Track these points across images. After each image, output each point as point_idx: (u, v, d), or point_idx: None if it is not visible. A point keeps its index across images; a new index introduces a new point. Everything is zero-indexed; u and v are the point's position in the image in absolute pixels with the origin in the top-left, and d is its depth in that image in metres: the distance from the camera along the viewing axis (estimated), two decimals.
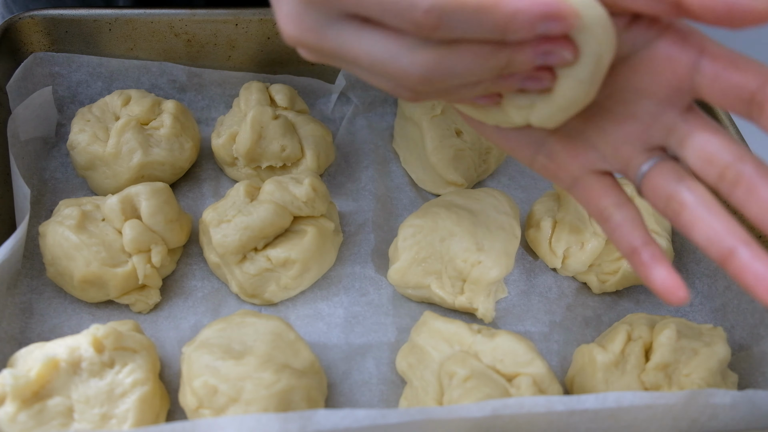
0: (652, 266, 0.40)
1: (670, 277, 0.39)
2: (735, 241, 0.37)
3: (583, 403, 0.46)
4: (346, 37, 0.38)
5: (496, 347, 0.54)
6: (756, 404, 0.49)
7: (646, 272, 0.40)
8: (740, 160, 0.38)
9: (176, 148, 0.70)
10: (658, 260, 0.40)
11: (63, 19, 0.74)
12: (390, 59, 0.38)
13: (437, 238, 0.62)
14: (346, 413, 0.44)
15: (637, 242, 0.41)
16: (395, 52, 0.37)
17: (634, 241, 0.42)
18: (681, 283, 0.39)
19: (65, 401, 0.50)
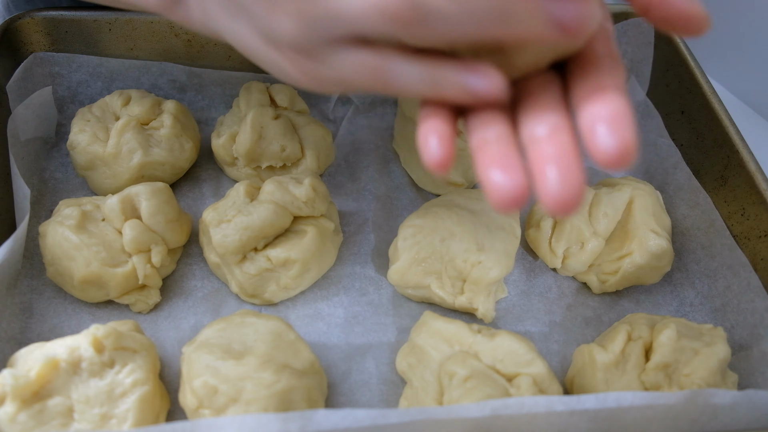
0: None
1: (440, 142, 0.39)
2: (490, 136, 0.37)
3: (583, 403, 0.46)
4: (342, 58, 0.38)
5: (496, 347, 0.54)
6: (756, 404, 0.49)
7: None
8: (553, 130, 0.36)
9: (176, 148, 0.70)
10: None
11: (63, 19, 0.74)
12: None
13: (437, 238, 0.62)
14: (346, 413, 0.44)
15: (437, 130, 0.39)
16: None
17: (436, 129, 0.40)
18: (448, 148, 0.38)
19: (65, 401, 0.50)
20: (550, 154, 0.34)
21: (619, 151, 0.32)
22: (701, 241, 0.68)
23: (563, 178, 0.33)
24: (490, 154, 0.36)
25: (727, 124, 0.68)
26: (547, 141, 0.35)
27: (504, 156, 0.35)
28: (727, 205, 0.67)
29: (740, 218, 0.65)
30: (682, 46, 0.76)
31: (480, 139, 0.38)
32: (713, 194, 0.68)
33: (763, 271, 0.62)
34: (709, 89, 0.72)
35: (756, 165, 0.65)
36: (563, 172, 0.33)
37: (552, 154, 0.34)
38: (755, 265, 0.63)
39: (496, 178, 0.35)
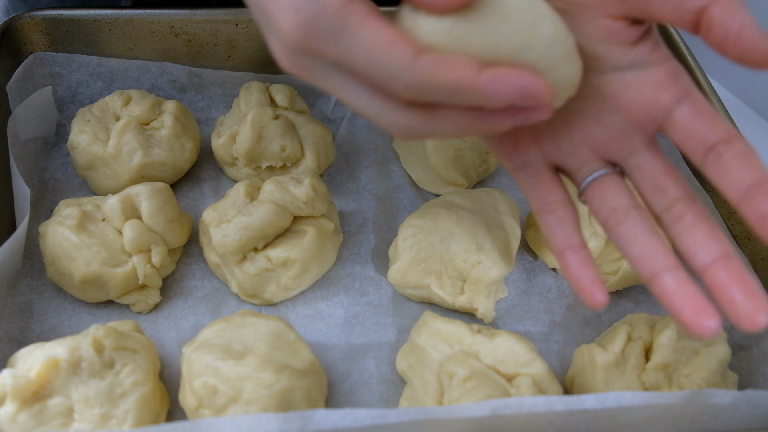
0: (582, 270, 0.43)
1: (597, 284, 0.42)
2: (663, 266, 0.41)
3: (583, 403, 0.46)
4: (335, 83, 0.40)
5: (496, 347, 0.54)
6: (756, 404, 0.49)
7: (573, 273, 0.43)
8: (686, 200, 0.42)
9: (177, 148, 0.70)
10: (588, 264, 0.43)
11: (63, 19, 0.74)
12: (375, 114, 0.40)
13: (437, 238, 0.62)
14: (346, 413, 0.44)
15: (575, 242, 0.45)
16: (380, 108, 0.39)
17: (573, 239, 0.45)
18: (603, 287, 0.42)
19: (65, 401, 0.50)
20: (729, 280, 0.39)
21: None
22: None
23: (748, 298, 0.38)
24: (683, 298, 0.39)
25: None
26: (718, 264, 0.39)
27: (697, 297, 0.39)
28: (727, 205, 0.67)
29: (740, 218, 0.65)
30: (682, 46, 0.76)
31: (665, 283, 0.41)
32: (713, 194, 0.68)
33: (763, 271, 0.62)
34: (709, 89, 0.72)
35: None
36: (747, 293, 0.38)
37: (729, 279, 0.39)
38: (755, 265, 0.63)
39: (705, 323, 0.38)
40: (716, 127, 0.40)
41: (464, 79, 0.36)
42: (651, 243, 0.42)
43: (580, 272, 0.43)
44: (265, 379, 0.51)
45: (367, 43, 0.36)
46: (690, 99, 0.42)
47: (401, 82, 0.36)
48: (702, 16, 0.39)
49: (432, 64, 0.36)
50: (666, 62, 0.43)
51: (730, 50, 0.38)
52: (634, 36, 0.42)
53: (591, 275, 0.43)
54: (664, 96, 0.42)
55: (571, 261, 0.44)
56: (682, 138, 0.42)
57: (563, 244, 0.45)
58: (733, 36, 0.38)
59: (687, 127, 0.41)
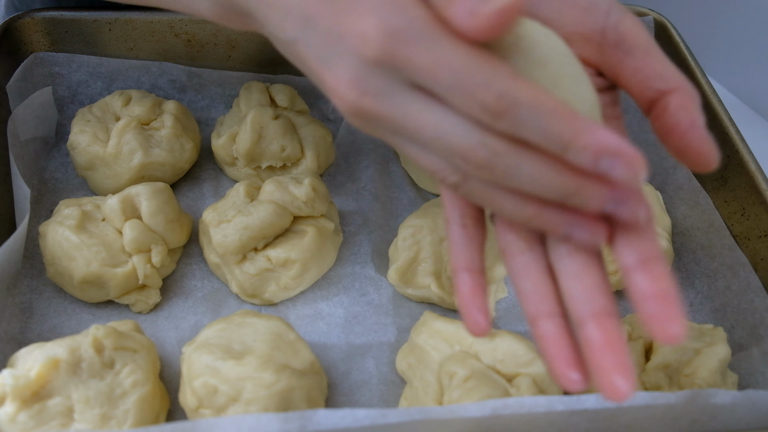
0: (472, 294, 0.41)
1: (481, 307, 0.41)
2: (547, 311, 0.39)
3: (583, 403, 0.46)
4: (411, 106, 0.36)
5: (496, 347, 0.54)
6: (756, 404, 0.49)
7: (463, 297, 0.41)
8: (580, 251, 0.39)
9: (177, 148, 0.70)
10: (479, 290, 0.41)
11: (63, 19, 0.74)
12: (458, 135, 0.35)
13: (437, 238, 0.62)
14: (346, 413, 0.44)
15: (473, 266, 0.42)
16: (465, 129, 0.35)
17: (471, 263, 0.42)
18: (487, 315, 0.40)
19: (65, 401, 0.50)
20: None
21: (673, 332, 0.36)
22: (701, 241, 0.68)
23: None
24: (558, 348, 0.38)
25: (727, 124, 0.68)
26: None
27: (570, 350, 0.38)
28: (727, 205, 0.67)
29: (740, 218, 0.65)
30: (682, 46, 0.76)
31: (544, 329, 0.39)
32: (713, 194, 0.68)
33: (763, 271, 0.62)
34: (709, 89, 0.72)
35: (756, 165, 0.65)
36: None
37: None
38: (755, 265, 0.63)
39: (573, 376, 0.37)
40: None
41: (564, 109, 0.33)
42: (542, 283, 0.40)
43: (471, 297, 0.41)
44: (265, 379, 0.51)
45: (462, 49, 0.33)
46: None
47: (496, 89, 0.33)
48: (660, 99, 0.40)
49: (532, 84, 0.33)
50: (614, 120, 0.44)
51: (672, 142, 0.39)
52: (599, 86, 0.43)
53: (479, 302, 0.41)
54: None
55: (464, 284, 0.41)
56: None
57: (462, 264, 0.42)
58: (681, 130, 0.39)
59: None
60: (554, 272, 0.40)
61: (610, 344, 0.36)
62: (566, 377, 0.37)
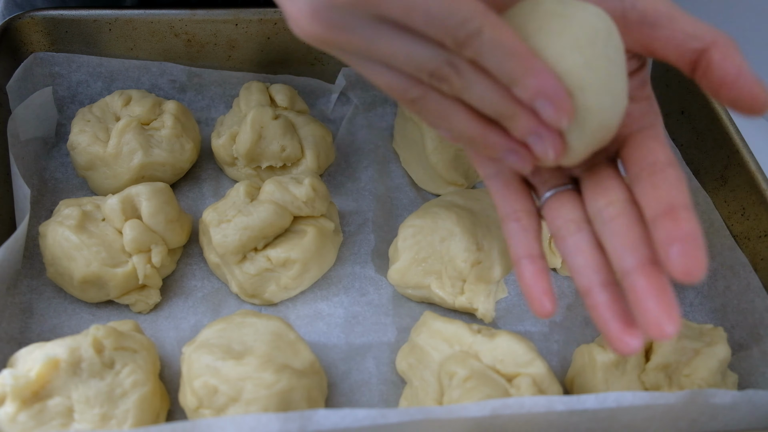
0: (533, 278, 0.44)
1: (546, 290, 0.44)
2: (599, 280, 0.41)
3: (583, 403, 0.46)
4: (381, 38, 0.38)
5: (496, 347, 0.54)
6: (756, 404, 0.49)
7: (526, 281, 0.44)
8: (622, 202, 0.42)
9: (177, 148, 0.70)
10: (542, 275, 0.44)
11: (63, 19, 0.74)
12: (426, 55, 0.38)
13: (437, 238, 0.62)
14: (346, 413, 0.44)
15: (528, 252, 0.45)
16: (433, 51, 0.38)
17: (526, 250, 0.45)
18: (552, 297, 0.43)
19: (65, 401, 0.50)
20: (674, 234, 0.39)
21: (695, 271, 0.37)
22: None
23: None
24: (611, 315, 0.40)
25: (727, 124, 0.68)
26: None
27: (624, 316, 0.40)
28: (727, 205, 0.67)
29: (740, 218, 0.65)
30: None
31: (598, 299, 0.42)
32: (713, 194, 0.68)
33: (763, 271, 0.62)
34: None
35: (756, 165, 0.65)
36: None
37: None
38: (755, 265, 0.63)
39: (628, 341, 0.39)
40: (655, 152, 0.43)
41: (522, 48, 0.37)
42: (593, 256, 0.42)
43: (534, 281, 0.44)
44: (265, 379, 0.51)
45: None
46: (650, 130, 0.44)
47: (466, 30, 0.36)
48: (701, 57, 0.40)
49: (501, 22, 0.37)
50: (645, 101, 0.45)
51: (725, 94, 0.40)
52: (629, 69, 0.43)
53: (543, 285, 0.44)
54: (630, 128, 0.44)
55: (526, 270, 0.44)
56: (624, 157, 0.44)
57: (521, 253, 0.45)
58: (730, 80, 0.39)
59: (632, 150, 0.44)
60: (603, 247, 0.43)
61: (655, 289, 0.38)
62: (622, 342, 0.39)
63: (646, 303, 0.38)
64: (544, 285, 0.44)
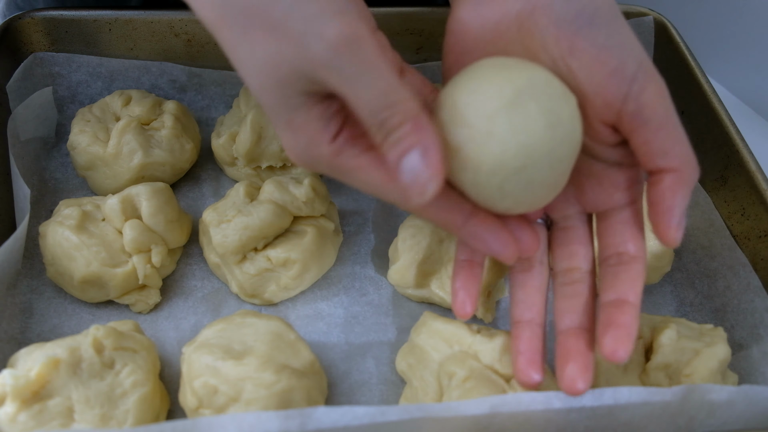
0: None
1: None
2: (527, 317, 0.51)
3: (580, 400, 0.46)
4: (344, 175, 0.44)
5: (496, 347, 0.54)
6: (753, 401, 0.49)
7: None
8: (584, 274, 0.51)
9: (177, 148, 0.70)
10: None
11: (63, 19, 0.74)
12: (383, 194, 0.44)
13: (437, 239, 0.62)
14: (346, 410, 0.44)
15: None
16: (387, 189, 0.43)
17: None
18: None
19: (65, 401, 0.50)
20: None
21: (620, 353, 0.44)
22: (701, 241, 0.68)
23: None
24: (525, 349, 0.50)
25: (727, 124, 0.68)
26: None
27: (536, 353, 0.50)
28: (727, 205, 0.67)
29: (740, 218, 0.65)
30: (682, 46, 0.76)
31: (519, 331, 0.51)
32: (713, 194, 0.68)
33: (763, 271, 0.62)
34: (709, 89, 0.72)
35: (756, 165, 0.65)
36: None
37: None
38: (755, 265, 0.63)
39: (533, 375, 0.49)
40: (627, 243, 0.48)
41: (454, 225, 0.45)
42: (533, 296, 0.50)
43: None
44: (265, 379, 0.51)
45: (364, 181, 0.43)
46: (630, 208, 0.49)
47: (400, 205, 0.44)
48: (658, 173, 0.45)
49: (425, 208, 0.45)
50: (631, 168, 0.48)
51: (651, 214, 0.46)
52: (617, 140, 0.47)
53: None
54: (616, 196, 0.49)
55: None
56: (599, 233, 0.50)
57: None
58: (660, 209, 0.45)
59: (609, 231, 0.49)
60: (550, 290, 0.51)
61: (577, 352, 0.47)
62: (527, 375, 0.48)
63: (567, 362, 0.46)
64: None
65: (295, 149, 0.44)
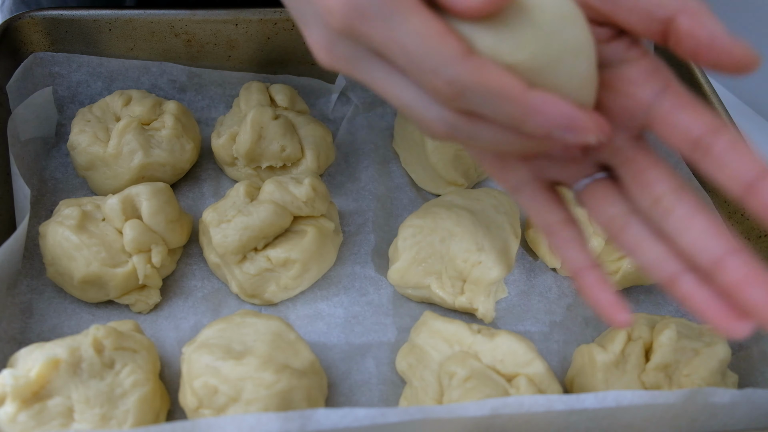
0: (596, 289, 0.42)
1: (614, 300, 0.41)
2: (674, 270, 0.39)
3: (582, 402, 0.46)
4: (377, 74, 0.39)
5: (496, 347, 0.54)
6: (755, 403, 0.49)
7: (591, 294, 0.42)
8: (673, 192, 0.40)
9: (177, 149, 0.70)
10: (602, 283, 0.42)
11: (63, 19, 0.74)
12: (417, 108, 0.38)
13: (437, 239, 0.62)
14: (346, 412, 0.44)
15: (583, 264, 0.43)
16: (422, 103, 0.38)
17: (580, 262, 0.43)
18: (624, 306, 0.41)
19: (65, 401, 0.50)
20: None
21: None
22: None
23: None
24: (706, 302, 0.38)
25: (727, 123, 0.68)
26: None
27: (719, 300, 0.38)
28: (727, 205, 0.67)
29: (740, 218, 0.65)
30: None
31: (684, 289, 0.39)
32: (713, 194, 0.68)
33: None
34: (709, 89, 0.72)
35: None
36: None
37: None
38: None
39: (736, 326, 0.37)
40: (700, 118, 0.39)
41: (514, 89, 0.35)
42: (657, 248, 0.40)
43: (598, 295, 0.42)
44: (266, 379, 0.51)
45: (417, 30, 0.34)
46: (670, 92, 0.40)
47: (445, 76, 0.35)
48: (669, 26, 0.38)
49: (482, 65, 0.35)
50: (643, 58, 0.41)
51: (704, 60, 0.37)
52: (606, 35, 0.40)
53: (608, 297, 0.41)
54: (642, 92, 0.40)
55: (585, 283, 0.43)
56: (666, 133, 0.40)
57: (574, 266, 0.43)
58: (705, 46, 0.37)
59: (669, 121, 0.39)
60: (664, 234, 0.40)
61: (755, 276, 0.36)
62: (733, 329, 0.37)
63: (751, 293, 0.36)
64: (608, 297, 0.41)
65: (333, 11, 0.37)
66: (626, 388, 0.54)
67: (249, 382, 0.51)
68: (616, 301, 0.41)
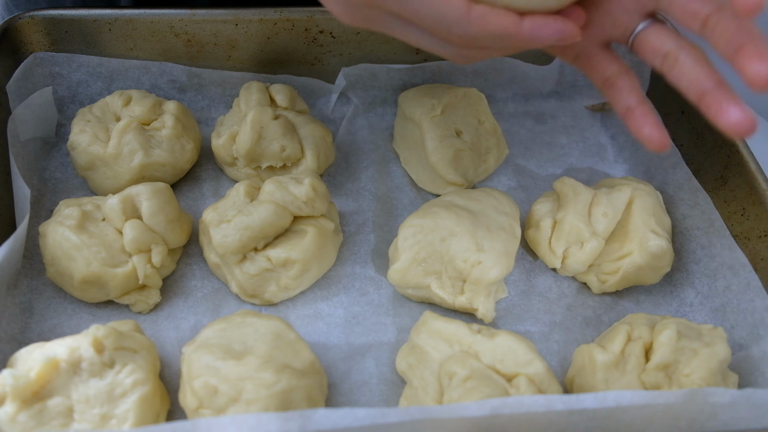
0: (643, 121, 0.49)
1: (658, 129, 0.49)
2: (710, 84, 0.46)
3: (582, 403, 0.46)
4: (395, 29, 0.49)
5: (496, 347, 0.54)
6: (755, 403, 0.49)
7: (639, 126, 0.49)
8: (718, 11, 0.46)
9: (177, 149, 0.70)
10: (649, 115, 0.49)
11: (63, 19, 0.74)
12: (435, 48, 0.49)
13: (437, 238, 0.62)
14: (346, 412, 0.44)
15: (633, 102, 0.50)
16: (439, 45, 0.49)
17: (631, 101, 0.50)
18: (665, 133, 0.49)
19: (65, 401, 0.50)
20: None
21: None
22: (701, 241, 0.68)
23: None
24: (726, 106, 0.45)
25: None
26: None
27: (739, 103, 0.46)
28: (727, 205, 0.67)
29: (740, 218, 0.65)
30: None
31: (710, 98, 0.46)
32: (713, 194, 0.68)
33: (763, 271, 0.62)
34: None
35: (756, 165, 0.65)
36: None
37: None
38: (755, 265, 0.63)
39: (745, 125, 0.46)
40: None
41: (510, 27, 0.44)
42: (699, 69, 0.46)
43: (641, 124, 0.49)
44: (266, 379, 0.51)
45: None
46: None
47: (457, 32, 0.45)
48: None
49: (482, 16, 0.44)
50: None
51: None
52: None
53: (651, 121, 0.49)
54: None
55: (631, 119, 0.50)
56: (677, 11, 0.48)
57: (622, 109, 0.51)
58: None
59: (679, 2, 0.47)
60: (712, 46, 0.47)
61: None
62: (738, 124, 0.45)
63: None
64: (651, 121, 0.49)
65: None
66: (626, 388, 0.54)
67: (249, 382, 0.51)
68: (655, 125, 0.48)
